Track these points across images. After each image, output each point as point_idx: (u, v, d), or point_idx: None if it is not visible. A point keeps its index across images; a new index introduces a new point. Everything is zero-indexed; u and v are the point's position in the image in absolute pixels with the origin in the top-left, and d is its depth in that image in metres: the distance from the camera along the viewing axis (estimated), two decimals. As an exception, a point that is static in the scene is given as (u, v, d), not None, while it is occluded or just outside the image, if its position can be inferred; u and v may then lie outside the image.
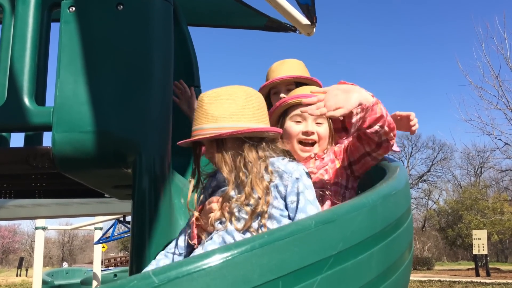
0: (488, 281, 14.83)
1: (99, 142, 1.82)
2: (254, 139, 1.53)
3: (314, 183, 1.72)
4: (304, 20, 3.19)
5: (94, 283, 10.42)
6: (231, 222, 1.46)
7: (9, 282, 21.10)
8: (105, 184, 2.22)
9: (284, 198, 1.49)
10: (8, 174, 2.23)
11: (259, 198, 1.44)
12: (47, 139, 2.75)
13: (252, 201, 1.44)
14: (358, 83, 1.64)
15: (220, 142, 1.53)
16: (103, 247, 11.66)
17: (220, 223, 1.49)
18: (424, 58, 59.44)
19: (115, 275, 12.20)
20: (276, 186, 1.50)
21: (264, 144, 1.55)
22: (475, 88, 16.83)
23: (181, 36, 2.89)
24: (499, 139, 17.07)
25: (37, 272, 9.44)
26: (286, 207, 1.48)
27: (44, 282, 10.87)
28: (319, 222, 1.13)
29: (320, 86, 2.22)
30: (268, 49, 66.08)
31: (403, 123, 2.07)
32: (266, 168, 1.51)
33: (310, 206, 1.46)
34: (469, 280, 15.33)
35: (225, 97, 1.53)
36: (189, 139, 1.55)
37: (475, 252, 19.53)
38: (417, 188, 36.73)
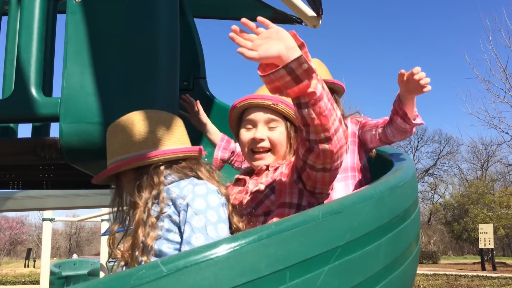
0: (494, 275, 14.77)
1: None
2: (142, 168, 1.33)
3: (258, 206, 1.49)
4: (310, 12, 3.15)
5: (101, 274, 10.51)
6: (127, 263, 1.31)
7: (17, 273, 21.35)
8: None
9: (179, 229, 1.27)
10: (16, 165, 2.24)
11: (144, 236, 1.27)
12: (54, 130, 2.77)
13: (136, 241, 1.27)
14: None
15: (118, 179, 1.39)
16: (109, 239, 11.71)
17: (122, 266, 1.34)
18: (431, 51, 59.03)
19: (122, 267, 12.27)
20: (170, 216, 1.29)
21: (161, 168, 1.34)
22: (482, 81, 16.58)
23: (187, 28, 2.88)
24: (506, 133, 16.88)
25: (45, 263, 9.53)
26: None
27: (51, 273, 10.97)
28: (326, 213, 1.13)
29: (343, 88, 2.09)
30: (274, 42, 65.56)
31: (411, 84, 1.73)
32: (157, 197, 1.31)
33: (196, 235, 1.22)
34: (475, 274, 15.29)
35: (119, 128, 1.39)
36: (95, 182, 1.43)
37: (481, 246, 19.45)
38: (423, 182, 36.57)
